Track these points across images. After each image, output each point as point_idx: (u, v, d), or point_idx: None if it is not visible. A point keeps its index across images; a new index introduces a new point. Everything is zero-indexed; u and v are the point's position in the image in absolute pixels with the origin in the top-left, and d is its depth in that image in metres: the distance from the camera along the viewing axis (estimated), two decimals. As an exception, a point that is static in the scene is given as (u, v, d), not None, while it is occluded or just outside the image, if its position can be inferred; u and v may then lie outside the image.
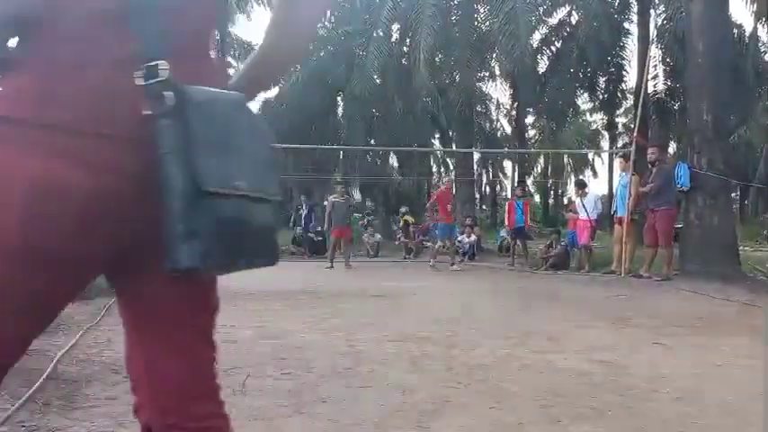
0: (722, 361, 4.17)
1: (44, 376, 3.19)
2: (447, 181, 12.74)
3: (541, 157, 41.17)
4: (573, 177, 41.05)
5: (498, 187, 40.18)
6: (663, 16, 17.48)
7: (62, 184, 0.94)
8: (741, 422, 2.91)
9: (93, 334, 4.49)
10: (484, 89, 24.46)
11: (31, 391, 2.94)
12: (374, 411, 2.93)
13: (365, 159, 22.18)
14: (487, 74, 21.64)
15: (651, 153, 9.90)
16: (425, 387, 3.37)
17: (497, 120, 30.76)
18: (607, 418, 2.91)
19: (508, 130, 31.49)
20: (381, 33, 17.67)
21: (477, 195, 34.35)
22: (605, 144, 36.16)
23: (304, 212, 16.61)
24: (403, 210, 17.91)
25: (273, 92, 23.05)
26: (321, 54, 21.89)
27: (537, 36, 18.69)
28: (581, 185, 12.46)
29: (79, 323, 4.75)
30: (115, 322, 4.98)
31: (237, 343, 4.43)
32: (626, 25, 18.11)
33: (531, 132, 36.38)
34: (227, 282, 1.16)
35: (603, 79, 19.02)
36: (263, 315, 5.81)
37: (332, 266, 11.99)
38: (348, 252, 12.87)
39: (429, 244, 15.61)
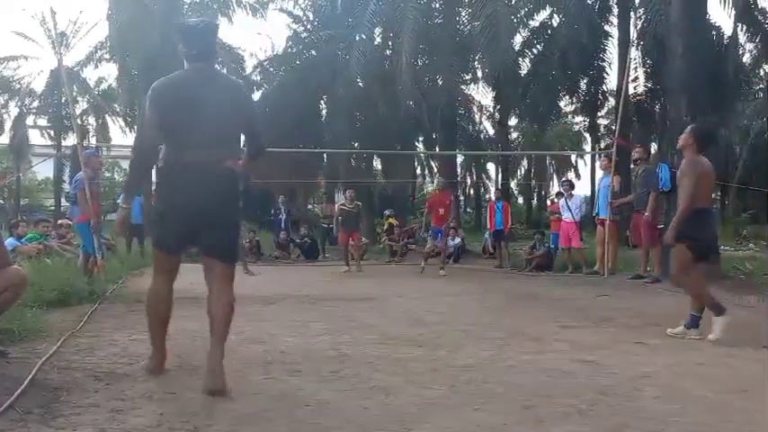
0: (703, 359, 4.21)
1: (25, 384, 3.16)
2: (436, 184, 12.47)
3: (525, 159, 41.40)
4: (556, 179, 41.37)
5: (482, 190, 40.35)
6: (642, 19, 17.66)
7: None
8: (722, 419, 2.94)
9: (75, 341, 4.44)
10: (466, 92, 24.58)
11: (11, 400, 2.91)
12: (359, 414, 2.93)
13: (349, 162, 22.14)
14: (470, 77, 21.74)
15: (635, 152, 9.96)
16: (410, 389, 3.37)
17: (480, 122, 30.85)
18: (590, 417, 2.93)
19: (491, 132, 31.57)
20: (364, 37, 17.68)
21: (462, 198, 34.46)
22: (587, 146, 36.41)
23: (283, 216, 16.52)
24: (387, 212, 17.90)
25: (257, 95, 23.01)
26: (304, 58, 21.90)
27: (518, 39, 18.84)
28: (570, 186, 12.36)
29: (60, 330, 4.71)
30: (97, 329, 4.97)
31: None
32: (606, 28, 18.30)
33: (514, 135, 36.67)
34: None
35: (585, 81, 19.16)
36: (248, 319, 5.76)
37: (349, 269, 11.88)
38: (358, 255, 12.56)
39: (414, 247, 15.62)
